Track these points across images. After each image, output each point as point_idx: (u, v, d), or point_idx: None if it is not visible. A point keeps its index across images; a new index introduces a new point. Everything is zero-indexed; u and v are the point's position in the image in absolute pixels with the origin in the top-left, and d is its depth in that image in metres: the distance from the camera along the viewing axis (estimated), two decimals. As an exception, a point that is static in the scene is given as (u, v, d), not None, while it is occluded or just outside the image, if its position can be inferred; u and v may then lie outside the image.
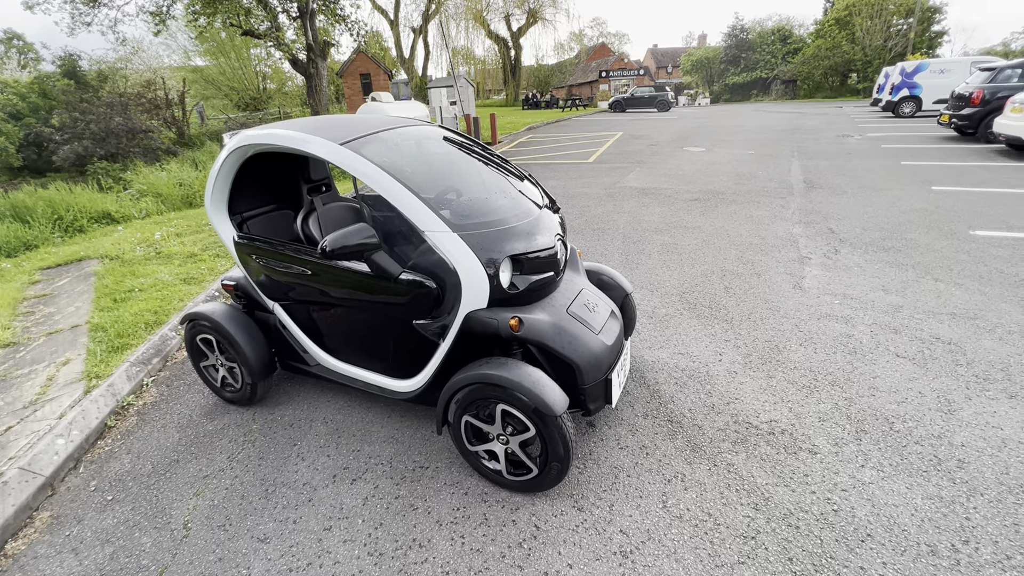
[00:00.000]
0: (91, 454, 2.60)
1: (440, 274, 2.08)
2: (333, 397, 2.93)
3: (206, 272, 4.86)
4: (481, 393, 2.00)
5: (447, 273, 2.05)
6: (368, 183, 2.10)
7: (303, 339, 2.71)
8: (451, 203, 2.35)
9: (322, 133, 2.27)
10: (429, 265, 2.11)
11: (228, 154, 2.51)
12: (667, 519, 1.96)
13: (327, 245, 1.97)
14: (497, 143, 14.74)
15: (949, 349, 3.03)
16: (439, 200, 2.28)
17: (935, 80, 17.37)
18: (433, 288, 2.07)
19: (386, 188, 2.06)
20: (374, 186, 2.08)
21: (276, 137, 2.33)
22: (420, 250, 2.16)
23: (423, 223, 2.02)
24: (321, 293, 2.46)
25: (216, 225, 2.72)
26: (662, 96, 28.71)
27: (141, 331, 3.67)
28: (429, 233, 2.01)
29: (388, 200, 2.07)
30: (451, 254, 1.99)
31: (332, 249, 1.96)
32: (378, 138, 2.35)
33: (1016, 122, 9.07)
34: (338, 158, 2.14)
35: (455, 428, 2.16)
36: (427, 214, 2.02)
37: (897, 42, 37.59)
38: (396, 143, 2.41)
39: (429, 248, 2.06)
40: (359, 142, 2.24)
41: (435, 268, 2.09)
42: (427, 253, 2.10)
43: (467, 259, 1.98)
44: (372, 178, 2.08)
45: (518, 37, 37.43)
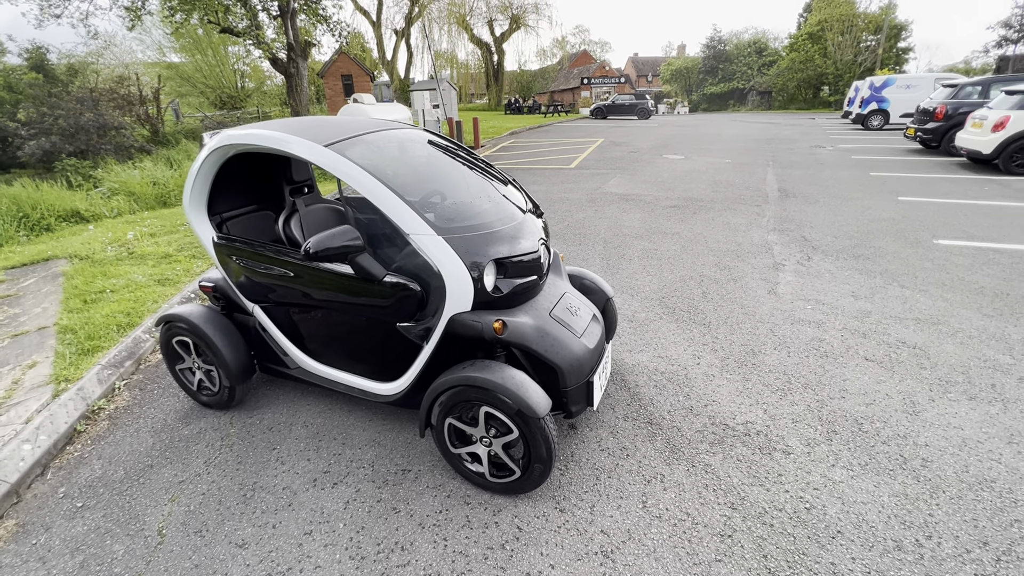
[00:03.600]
0: (60, 460, 2.52)
1: (424, 277, 2.09)
2: (314, 400, 2.90)
3: (181, 273, 4.76)
4: (464, 395, 2.01)
5: (431, 276, 2.06)
6: (352, 185, 2.10)
7: (283, 342, 2.68)
8: (435, 206, 2.36)
9: (305, 134, 2.26)
10: (413, 268, 2.12)
11: (208, 154, 2.48)
12: (647, 519, 2.00)
13: (311, 247, 1.96)
14: (480, 147, 14.77)
15: (914, 353, 3.16)
16: (423, 203, 2.29)
17: (902, 95, 18.07)
18: (417, 291, 2.08)
19: (371, 190, 2.06)
20: (359, 188, 2.08)
21: (258, 137, 2.31)
22: (404, 253, 2.17)
23: (408, 226, 2.02)
24: (303, 295, 2.44)
25: (194, 225, 2.68)
26: (642, 104, 29.16)
27: (113, 333, 3.57)
28: (414, 236, 2.02)
29: (372, 203, 2.07)
30: (435, 257, 2.00)
31: (316, 251, 1.95)
32: (362, 140, 2.35)
33: (976, 136, 9.50)
34: (322, 160, 2.14)
35: (438, 431, 2.16)
36: (412, 217, 2.03)
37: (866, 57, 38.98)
38: (380, 146, 2.41)
39: (413, 251, 2.07)
40: (343, 144, 2.23)
41: (419, 271, 2.10)
42: (411, 256, 2.10)
43: (451, 262, 2.00)
44: (357, 180, 2.08)
45: (501, 42, 37.59)
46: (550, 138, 18.34)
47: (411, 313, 2.13)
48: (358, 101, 13.51)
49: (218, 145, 2.43)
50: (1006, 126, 8.89)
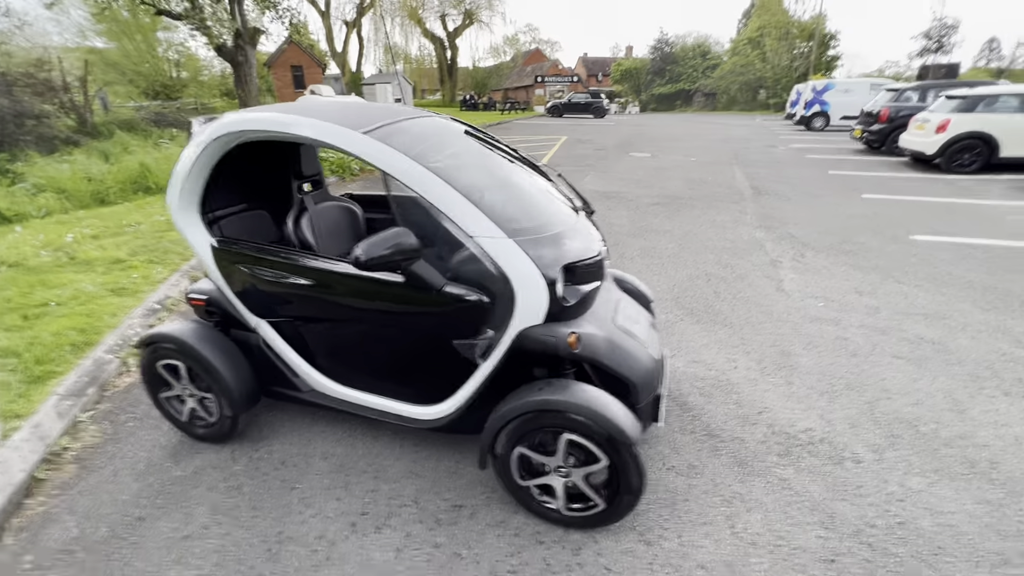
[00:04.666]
0: (20, 519, 2.04)
1: (488, 286, 1.82)
2: (328, 427, 2.54)
3: (140, 282, 4.17)
4: (541, 421, 1.76)
5: (497, 285, 1.79)
6: (401, 180, 1.79)
7: (296, 362, 2.31)
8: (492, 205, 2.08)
9: (335, 119, 1.93)
10: (475, 276, 1.83)
11: (208, 143, 2.07)
12: (742, 547, 1.82)
13: (361, 254, 1.65)
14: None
15: (935, 349, 3.19)
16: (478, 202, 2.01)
17: (841, 98, 19.21)
18: (484, 302, 1.80)
19: (426, 186, 1.77)
20: (409, 183, 1.78)
21: (277, 123, 1.94)
22: (462, 258, 1.88)
23: (473, 227, 1.75)
24: (328, 308, 2.10)
25: (183, 229, 2.26)
26: (598, 103, 29.53)
27: (67, 355, 3.02)
28: (481, 239, 1.74)
29: (427, 200, 1.77)
30: (506, 263, 1.74)
31: (369, 259, 1.65)
32: (401, 128, 2.03)
33: (920, 138, 10.15)
34: (363, 149, 1.81)
35: (503, 461, 1.90)
36: (477, 217, 1.75)
37: (800, 63, 41.41)
38: (419, 135, 2.10)
39: (474, 256, 1.79)
40: (384, 131, 1.92)
41: (482, 279, 1.82)
42: (471, 262, 1.82)
43: (525, 269, 1.74)
44: (407, 173, 1.78)
45: (454, 37, 36.98)
46: (513, 135, 18.13)
47: (473, 327, 1.85)
48: (315, 93, 12.77)
49: (220, 133, 2.03)
50: (947, 128, 9.52)
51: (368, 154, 1.81)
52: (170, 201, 2.24)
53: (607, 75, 58.06)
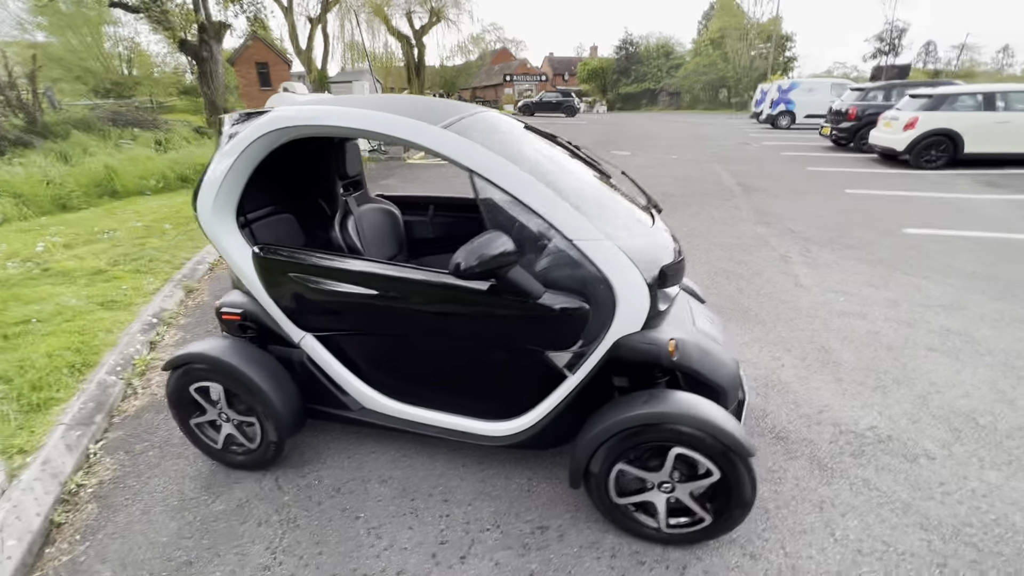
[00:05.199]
0: (42, 569, 1.78)
1: (586, 292, 1.69)
2: (377, 447, 2.35)
3: (131, 293, 3.82)
4: (649, 436, 1.64)
5: (595, 291, 1.66)
6: (491, 178, 1.64)
7: (347, 378, 2.12)
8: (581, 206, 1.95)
9: (405, 112, 1.76)
10: (571, 281, 1.70)
11: (252, 141, 1.86)
12: (849, 555, 1.76)
13: (462, 262, 1.49)
14: (422, 142, 14.04)
15: (964, 340, 3.25)
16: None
17: (805, 97, 19.89)
18: (586, 309, 1.67)
19: (520, 185, 1.63)
20: (501, 182, 1.64)
21: (342, 118, 1.75)
22: (555, 263, 1.74)
23: (572, 230, 1.61)
24: (396, 320, 1.92)
25: (217, 237, 2.03)
26: (569, 102, 29.68)
27: (66, 378, 2.71)
28: (581, 243, 1.61)
29: (521, 200, 1.63)
30: (608, 267, 1.61)
31: (470, 266, 1.49)
32: (473, 123, 1.87)
33: (889, 135, 10.57)
34: (448, 147, 1.66)
35: (599, 479, 1.77)
36: (576, 219, 1.62)
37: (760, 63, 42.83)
38: (489, 130, 1.94)
39: (572, 261, 1.66)
40: (460, 126, 1.76)
41: (580, 284, 1.69)
42: (568, 266, 1.69)
43: (629, 273, 1.62)
44: (498, 172, 1.63)
45: (421, 35, 36.30)
46: (489, 134, 17.94)
47: (572, 337, 1.72)
48: (288, 90, 12.24)
49: (270, 129, 1.82)
50: (916, 126, 9.95)
51: (453, 151, 1.65)
52: (202, 206, 2.01)
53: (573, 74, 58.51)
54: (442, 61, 42.41)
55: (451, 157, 1.67)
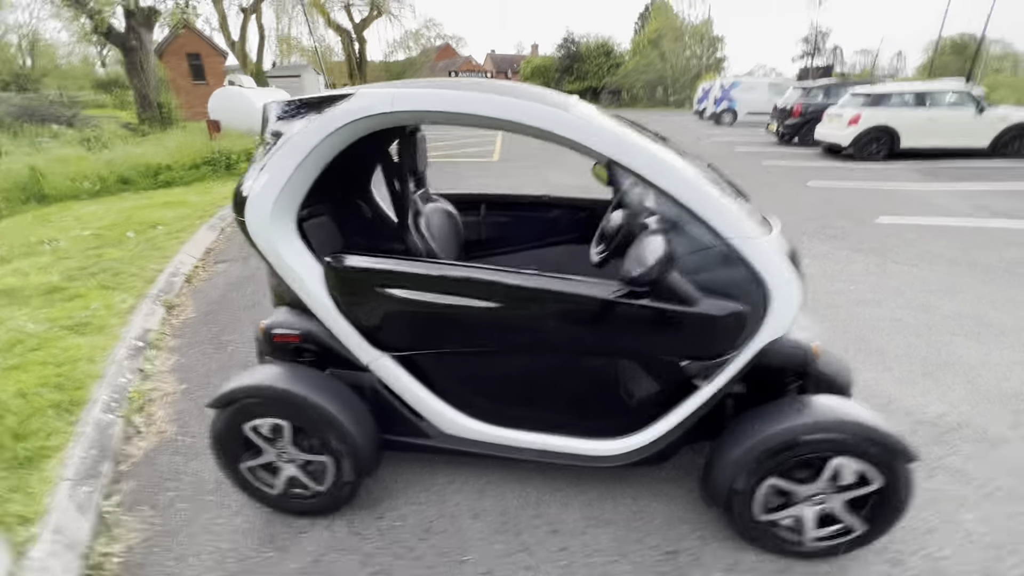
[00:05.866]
0: (86, 674, 1.41)
1: (734, 294, 1.54)
2: (454, 475, 2.10)
3: (103, 313, 3.29)
4: (810, 448, 1.53)
5: (746, 292, 1.52)
6: (640, 171, 1.47)
7: (429, 402, 1.86)
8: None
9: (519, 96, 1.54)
10: (722, 284, 1.55)
11: (336, 130, 1.56)
12: (989, 551, 1.74)
13: (636, 271, 1.32)
14: (380, 140, 13.44)
15: (978, 323, 3.42)
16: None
17: (746, 96, 20.92)
18: (744, 314, 1.52)
19: (674, 179, 1.47)
20: (652, 176, 1.46)
21: (457, 102, 1.51)
22: (704, 264, 1.57)
23: (727, 227, 1.46)
24: (511, 334, 1.69)
25: (272, 247, 1.71)
26: (519, 99, 29.59)
27: (53, 421, 2.25)
28: (737, 241, 1.47)
29: (669, 194, 1.46)
30: (763, 267, 1.48)
31: (646, 276, 1.32)
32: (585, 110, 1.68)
33: (834, 131, 11.27)
34: (587, 134, 1.47)
35: (744, 497, 1.63)
36: (731, 214, 1.48)
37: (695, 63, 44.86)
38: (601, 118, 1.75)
39: (723, 261, 1.51)
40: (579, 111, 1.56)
41: (729, 287, 1.54)
42: (719, 268, 1.54)
43: (782, 272, 1.50)
44: (643, 162, 1.46)
45: (362, 29, 34.99)
46: (449, 131, 17.52)
47: (721, 345, 1.56)
48: (236, 83, 11.34)
49: (365, 115, 1.54)
50: (859, 122, 10.66)
51: (597, 140, 1.47)
52: (254, 213, 1.68)
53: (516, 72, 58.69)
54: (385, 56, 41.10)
55: (594, 147, 1.47)
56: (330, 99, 1.64)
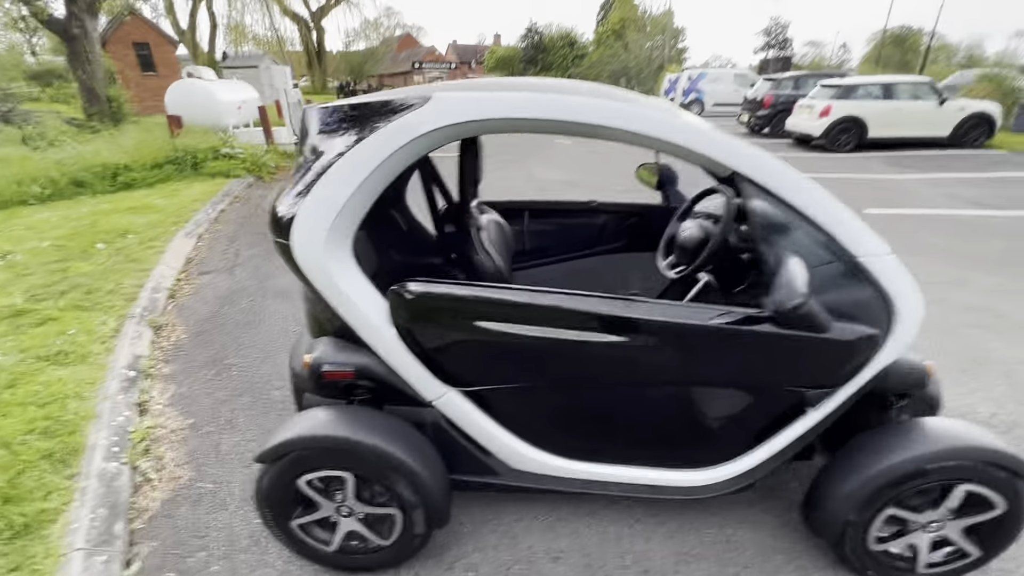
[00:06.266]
0: None
1: (858, 315, 1.42)
2: (520, 512, 1.93)
3: (83, 339, 2.92)
4: (937, 476, 1.43)
5: (871, 313, 1.41)
6: (761, 182, 1.32)
7: (500, 438, 1.68)
8: None
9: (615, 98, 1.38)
10: (845, 305, 1.42)
11: (412, 140, 1.35)
12: (1082, 562, 1.70)
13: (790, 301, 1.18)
14: (352, 134, 12.91)
15: (993, 315, 3.48)
16: None
17: (711, 87, 21.29)
18: (876, 338, 1.40)
19: (794, 189, 1.33)
20: (776, 187, 1.32)
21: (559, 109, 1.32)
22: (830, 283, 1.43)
23: (856, 243, 1.35)
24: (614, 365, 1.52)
25: (326, 275, 1.48)
26: (486, 90, 29.20)
27: (48, 476, 1.94)
28: (867, 258, 1.35)
29: (797, 209, 1.33)
30: (891, 285, 1.39)
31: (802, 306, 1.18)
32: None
33: (805, 121, 11.53)
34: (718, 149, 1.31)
35: (858, 527, 1.53)
36: (859, 229, 1.36)
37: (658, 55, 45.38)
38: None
39: (849, 280, 1.39)
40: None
41: (854, 308, 1.42)
42: (845, 288, 1.41)
43: (907, 288, 1.41)
44: (769, 173, 1.32)
45: (320, 17, 33.61)
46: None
47: (853, 369, 1.45)
48: (195, 76, 10.61)
49: (448, 123, 1.33)
50: (830, 113, 10.93)
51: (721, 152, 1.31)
52: (306, 237, 1.45)
53: (480, 62, 57.95)
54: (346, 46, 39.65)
55: (715, 157, 1.32)
56: (393, 105, 1.42)
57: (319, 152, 1.53)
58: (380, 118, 1.41)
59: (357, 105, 1.50)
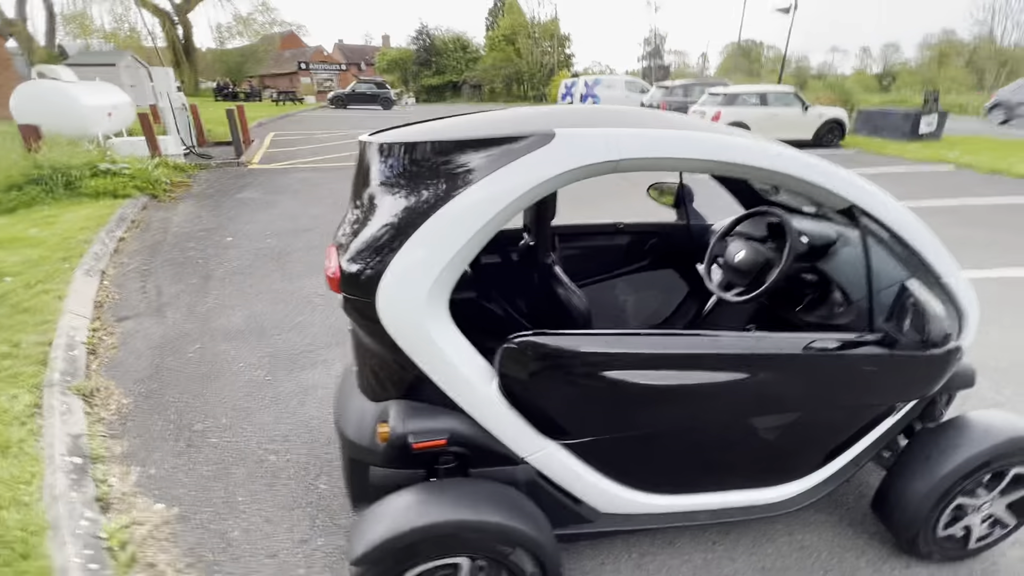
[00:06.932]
0: None
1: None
2: (597, 552, 1.85)
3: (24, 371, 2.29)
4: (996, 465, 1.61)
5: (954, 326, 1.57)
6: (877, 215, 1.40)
7: (600, 485, 1.60)
8: None
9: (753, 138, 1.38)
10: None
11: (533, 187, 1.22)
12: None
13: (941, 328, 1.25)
14: (249, 143, 11.74)
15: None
16: None
17: (607, 92, 22.55)
18: (960, 347, 1.53)
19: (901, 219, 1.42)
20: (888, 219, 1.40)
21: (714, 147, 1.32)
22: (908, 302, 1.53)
23: (943, 264, 1.47)
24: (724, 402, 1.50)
25: (424, 333, 1.30)
26: (385, 93, 28.23)
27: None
28: (950, 278, 1.48)
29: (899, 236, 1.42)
30: (964, 298, 1.53)
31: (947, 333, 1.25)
32: None
33: (700, 126, 12.69)
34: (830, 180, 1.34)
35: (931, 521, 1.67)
36: (943, 252, 1.48)
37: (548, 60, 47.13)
38: None
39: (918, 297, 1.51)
40: None
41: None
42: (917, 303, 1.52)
43: (973, 299, 1.57)
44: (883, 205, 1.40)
45: (185, 11, 30.07)
46: (326, 131, 16.00)
47: (945, 375, 1.57)
48: (47, 76, 8.92)
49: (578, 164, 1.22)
50: (720, 119, 12.13)
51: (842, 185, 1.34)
52: (408, 294, 1.26)
53: (370, 64, 55.94)
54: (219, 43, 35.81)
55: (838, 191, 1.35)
56: (497, 140, 1.27)
57: (394, 193, 1.33)
58: (483, 156, 1.25)
59: (444, 142, 1.32)
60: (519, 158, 1.22)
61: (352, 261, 1.33)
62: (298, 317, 3.64)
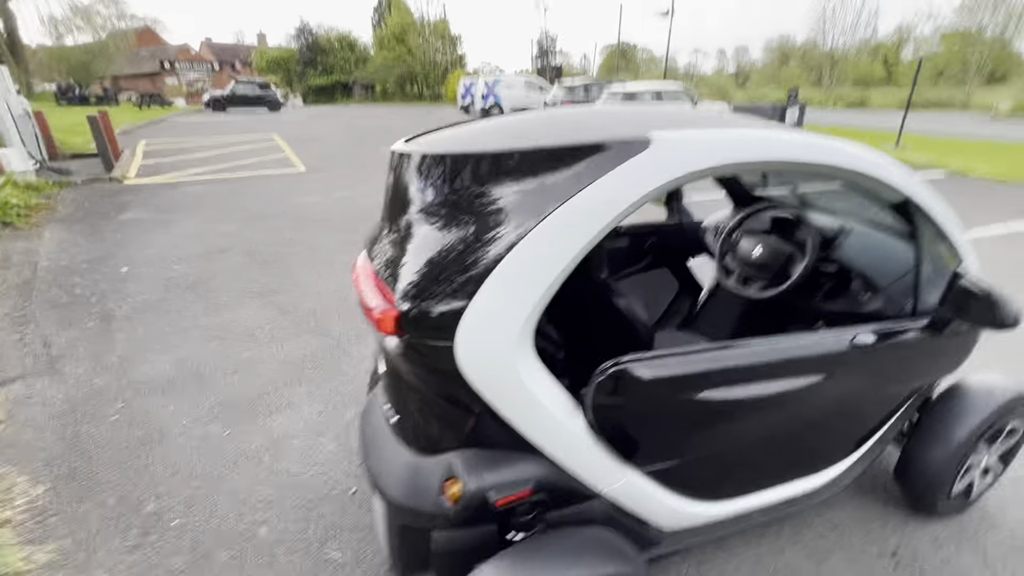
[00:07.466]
0: None
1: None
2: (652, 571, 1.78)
3: None
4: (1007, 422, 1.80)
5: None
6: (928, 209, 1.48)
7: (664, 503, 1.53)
8: None
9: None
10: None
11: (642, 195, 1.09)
12: None
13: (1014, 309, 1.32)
14: (119, 154, 10.12)
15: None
16: None
17: (507, 92, 22.75)
18: None
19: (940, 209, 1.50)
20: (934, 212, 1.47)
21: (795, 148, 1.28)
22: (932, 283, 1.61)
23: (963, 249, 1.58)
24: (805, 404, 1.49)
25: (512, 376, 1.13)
26: (271, 95, 25.98)
27: None
28: (968, 263, 1.59)
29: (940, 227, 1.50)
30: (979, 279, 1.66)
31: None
32: None
33: (604, 123, 13.30)
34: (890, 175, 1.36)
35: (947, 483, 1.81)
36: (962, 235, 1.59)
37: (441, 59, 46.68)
38: None
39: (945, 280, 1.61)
40: None
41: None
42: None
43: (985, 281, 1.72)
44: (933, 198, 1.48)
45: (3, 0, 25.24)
46: (201, 139, 14.28)
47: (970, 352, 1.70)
48: None
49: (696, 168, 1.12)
50: (623, 115, 12.81)
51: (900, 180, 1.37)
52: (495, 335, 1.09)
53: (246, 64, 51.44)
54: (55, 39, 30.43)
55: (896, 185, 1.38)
56: (583, 150, 1.12)
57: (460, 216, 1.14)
58: (569, 168, 1.10)
59: (524, 152, 1.14)
60: (615, 168, 1.09)
61: (417, 298, 1.11)
62: (242, 354, 3.15)
